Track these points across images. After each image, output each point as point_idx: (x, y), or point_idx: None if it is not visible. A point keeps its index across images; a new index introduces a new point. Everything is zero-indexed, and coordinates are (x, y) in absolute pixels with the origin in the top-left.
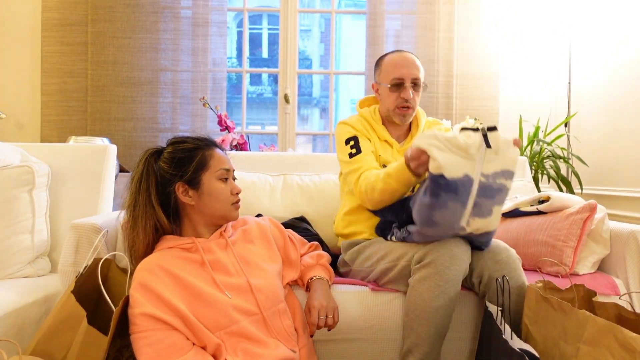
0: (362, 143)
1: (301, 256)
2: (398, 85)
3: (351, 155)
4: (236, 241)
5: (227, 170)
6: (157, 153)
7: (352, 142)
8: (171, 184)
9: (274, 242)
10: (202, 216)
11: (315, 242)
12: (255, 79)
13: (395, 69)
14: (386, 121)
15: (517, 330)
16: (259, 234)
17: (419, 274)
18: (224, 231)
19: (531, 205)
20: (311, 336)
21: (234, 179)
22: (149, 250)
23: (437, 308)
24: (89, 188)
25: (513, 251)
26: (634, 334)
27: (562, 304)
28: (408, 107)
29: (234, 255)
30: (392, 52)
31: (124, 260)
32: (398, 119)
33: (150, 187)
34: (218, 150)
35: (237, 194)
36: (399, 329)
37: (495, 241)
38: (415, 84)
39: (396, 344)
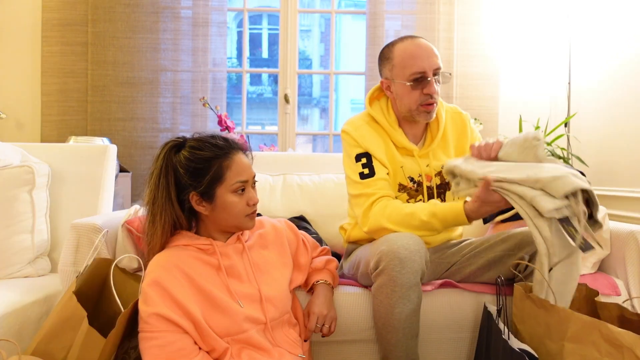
0: (376, 162)
1: (312, 259)
2: (419, 80)
3: (363, 176)
4: (252, 246)
5: (244, 181)
6: (176, 147)
7: (363, 160)
8: (186, 192)
9: (287, 247)
10: (215, 225)
11: (327, 247)
12: (255, 79)
13: (413, 61)
14: (402, 121)
15: None
16: (275, 239)
17: (376, 282)
18: (241, 234)
19: None
20: (305, 340)
21: (255, 182)
22: (165, 247)
23: (399, 314)
24: (89, 188)
25: None
26: (620, 329)
27: (542, 301)
28: (433, 103)
29: (248, 262)
30: (402, 39)
31: (125, 260)
32: (422, 117)
33: (170, 184)
34: (238, 158)
35: (254, 204)
36: None
37: None
38: (436, 74)
39: None
